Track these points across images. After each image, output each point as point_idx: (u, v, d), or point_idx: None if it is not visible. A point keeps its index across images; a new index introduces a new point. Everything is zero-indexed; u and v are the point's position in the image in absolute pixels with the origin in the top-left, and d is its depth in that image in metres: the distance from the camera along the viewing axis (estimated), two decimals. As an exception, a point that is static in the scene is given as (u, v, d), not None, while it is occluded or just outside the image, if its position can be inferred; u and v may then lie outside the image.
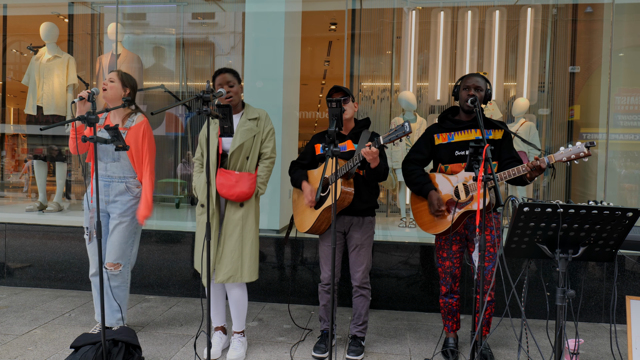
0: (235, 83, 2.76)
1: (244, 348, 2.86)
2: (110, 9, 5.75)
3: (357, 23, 5.81)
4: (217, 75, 2.76)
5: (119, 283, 3.00)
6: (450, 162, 2.73)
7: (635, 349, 2.45)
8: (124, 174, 2.97)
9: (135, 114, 3.03)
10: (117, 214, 2.95)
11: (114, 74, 2.98)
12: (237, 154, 2.73)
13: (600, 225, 1.85)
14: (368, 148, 2.51)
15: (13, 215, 4.77)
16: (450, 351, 2.85)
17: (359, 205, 2.78)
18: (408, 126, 2.40)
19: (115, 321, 3.00)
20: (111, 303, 2.99)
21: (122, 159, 2.95)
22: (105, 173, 2.95)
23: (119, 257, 2.96)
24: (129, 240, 3.00)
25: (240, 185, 2.69)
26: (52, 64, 4.84)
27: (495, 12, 5.29)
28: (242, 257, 2.73)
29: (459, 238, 2.76)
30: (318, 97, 7.25)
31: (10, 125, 6.40)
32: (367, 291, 2.86)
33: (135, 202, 2.99)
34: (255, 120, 2.80)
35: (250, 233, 2.75)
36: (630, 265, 3.54)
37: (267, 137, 2.82)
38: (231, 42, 6.04)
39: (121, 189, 2.95)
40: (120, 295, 3.01)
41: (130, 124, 2.98)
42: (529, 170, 2.43)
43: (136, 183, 3.00)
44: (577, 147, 2.33)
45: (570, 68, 5.47)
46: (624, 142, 4.52)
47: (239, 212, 2.74)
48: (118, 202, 2.95)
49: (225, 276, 2.70)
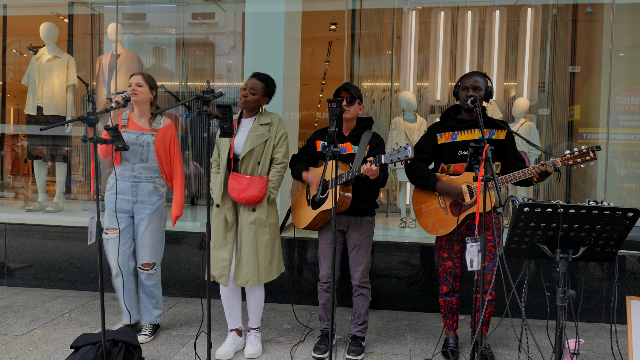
0: (260, 94, 2.76)
1: (260, 343, 2.93)
2: (110, 9, 5.75)
3: (357, 23, 5.80)
4: (251, 77, 2.79)
5: (155, 282, 3.09)
6: (453, 162, 2.72)
7: (635, 349, 2.45)
8: (151, 174, 3.01)
9: (161, 116, 3.06)
10: (147, 214, 2.99)
11: (140, 78, 2.97)
12: (248, 158, 2.75)
13: (600, 225, 1.85)
14: (368, 165, 2.50)
15: (13, 215, 4.77)
16: (450, 351, 2.84)
17: (357, 205, 2.78)
18: (411, 150, 2.39)
19: (154, 318, 3.12)
20: (150, 301, 3.09)
21: (150, 160, 2.98)
22: (132, 174, 2.97)
23: (153, 257, 3.04)
24: (159, 239, 3.08)
25: (250, 189, 2.72)
26: (52, 64, 4.84)
27: (495, 12, 5.29)
28: (257, 261, 2.76)
29: (460, 238, 2.75)
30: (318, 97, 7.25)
31: (10, 126, 6.39)
32: (366, 290, 2.86)
33: (162, 202, 3.06)
34: (268, 125, 2.80)
35: (264, 237, 2.78)
36: (631, 265, 3.54)
37: (279, 142, 2.82)
38: (231, 42, 6.04)
39: (149, 189, 2.99)
40: (157, 293, 3.12)
41: (157, 126, 3.02)
42: (537, 175, 2.43)
43: (162, 183, 3.06)
44: (583, 150, 2.33)
45: (571, 68, 5.47)
46: (624, 142, 4.52)
47: (251, 216, 2.77)
48: (147, 202, 2.99)
49: (244, 280, 2.75)
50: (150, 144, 2.96)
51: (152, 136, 2.97)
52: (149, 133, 2.98)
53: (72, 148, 5.68)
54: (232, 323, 2.93)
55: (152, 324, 3.11)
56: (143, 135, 2.97)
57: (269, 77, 2.80)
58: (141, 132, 2.97)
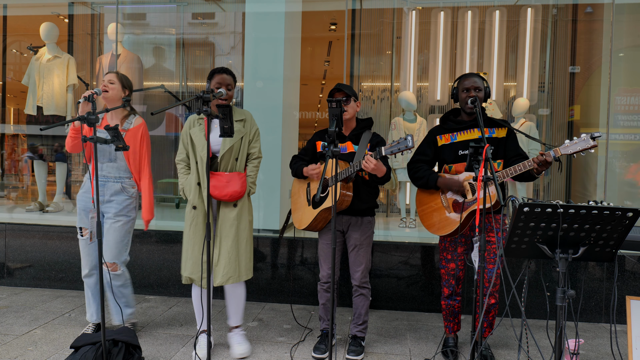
0: (233, 86, 2.76)
1: (248, 341, 2.90)
2: (110, 9, 5.75)
3: (357, 23, 5.81)
4: (215, 73, 2.72)
5: (122, 282, 3.05)
6: (455, 162, 2.72)
7: (635, 349, 2.45)
8: (120, 174, 2.98)
9: (133, 115, 3.04)
10: (112, 213, 2.96)
11: (112, 75, 2.99)
12: (228, 156, 2.75)
13: (600, 225, 1.85)
14: (367, 157, 2.50)
15: (13, 215, 4.77)
16: (450, 351, 2.84)
17: (357, 205, 2.78)
18: (411, 140, 2.40)
19: (126, 317, 3.08)
20: (118, 300, 3.05)
21: (118, 160, 2.97)
22: (101, 173, 2.96)
23: (115, 257, 2.98)
24: (124, 240, 3.02)
25: (232, 185, 2.72)
26: (52, 64, 4.84)
27: (495, 12, 5.29)
28: (238, 257, 2.75)
29: (464, 240, 2.74)
30: (318, 97, 7.25)
31: (10, 125, 6.39)
32: (366, 291, 2.86)
33: (130, 202, 3.01)
34: (242, 121, 2.81)
35: (244, 232, 2.78)
36: (631, 265, 3.54)
37: (254, 138, 2.85)
38: (231, 42, 6.04)
39: (117, 188, 2.97)
40: (126, 292, 3.08)
41: (128, 126, 3.00)
42: (536, 166, 2.42)
43: (131, 183, 3.02)
44: (582, 138, 2.31)
45: (570, 68, 5.47)
46: (624, 142, 4.51)
47: (233, 212, 2.76)
48: (114, 201, 2.96)
49: (224, 277, 2.71)
50: None
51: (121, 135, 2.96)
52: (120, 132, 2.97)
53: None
54: (203, 324, 2.90)
55: (131, 322, 3.10)
56: None
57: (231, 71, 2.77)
58: None
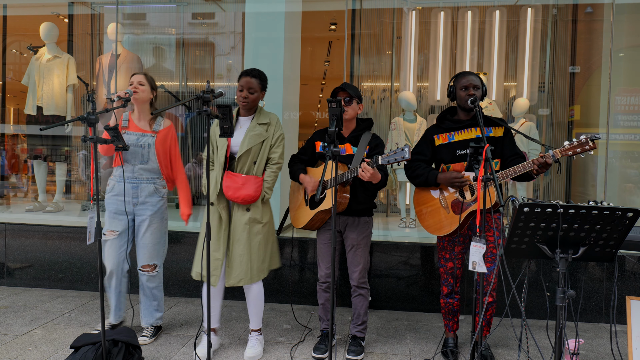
0: (257, 90, 2.74)
1: (261, 345, 2.89)
2: (110, 9, 5.74)
3: (357, 23, 5.80)
4: (242, 76, 2.74)
5: (156, 284, 3.08)
6: (452, 162, 2.72)
7: (635, 349, 2.45)
8: (152, 175, 3.00)
9: (161, 117, 3.07)
10: (148, 215, 2.98)
11: (141, 76, 2.98)
12: (245, 157, 2.73)
13: (600, 225, 1.85)
14: (364, 166, 2.48)
15: (13, 215, 4.77)
16: (450, 351, 2.84)
17: (354, 205, 2.77)
18: (407, 152, 2.38)
19: (155, 320, 3.10)
20: (151, 303, 3.07)
21: (150, 162, 2.98)
22: (133, 175, 2.96)
23: (154, 258, 3.02)
24: (161, 240, 3.06)
25: (246, 188, 2.70)
26: (52, 64, 4.84)
27: (495, 12, 5.29)
28: (250, 261, 2.74)
29: (462, 239, 2.75)
30: (318, 97, 7.25)
31: (10, 125, 6.39)
32: (365, 291, 2.86)
33: (163, 203, 3.05)
34: (266, 125, 2.78)
35: (257, 237, 2.76)
36: (631, 265, 3.54)
37: (276, 143, 2.82)
38: (231, 42, 6.04)
39: (150, 190, 2.98)
40: (159, 295, 3.11)
41: (158, 127, 3.02)
42: (536, 167, 2.42)
43: (162, 184, 3.06)
44: (582, 140, 2.32)
45: (570, 68, 5.47)
46: (624, 142, 4.51)
47: (245, 215, 2.75)
48: (148, 203, 2.98)
49: (236, 279, 2.72)
50: (151, 146, 2.96)
51: (152, 138, 2.97)
52: (149, 135, 2.98)
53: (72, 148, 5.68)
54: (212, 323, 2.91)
55: (154, 326, 3.11)
56: (144, 137, 2.96)
57: (260, 72, 2.78)
58: (142, 134, 2.97)
